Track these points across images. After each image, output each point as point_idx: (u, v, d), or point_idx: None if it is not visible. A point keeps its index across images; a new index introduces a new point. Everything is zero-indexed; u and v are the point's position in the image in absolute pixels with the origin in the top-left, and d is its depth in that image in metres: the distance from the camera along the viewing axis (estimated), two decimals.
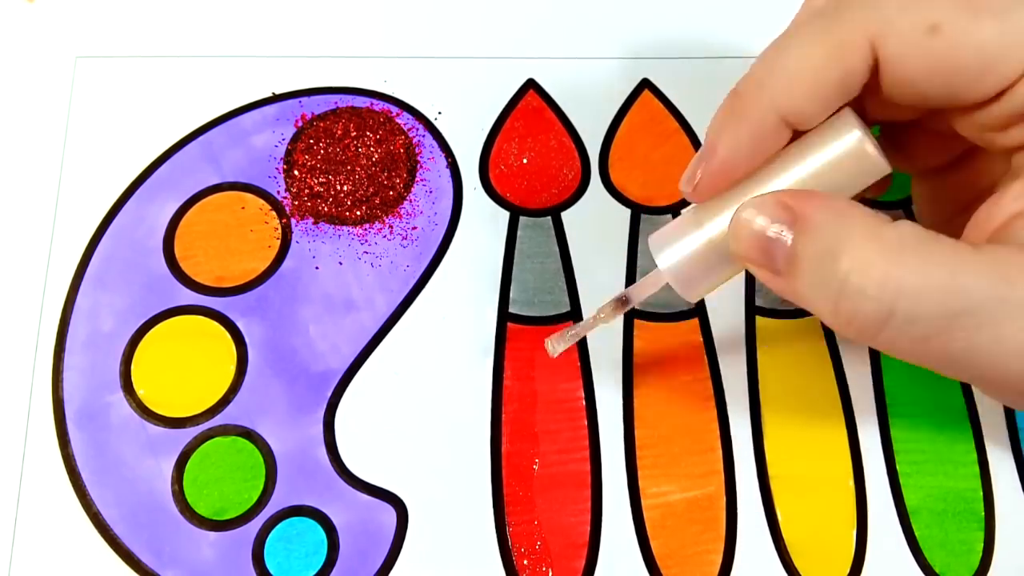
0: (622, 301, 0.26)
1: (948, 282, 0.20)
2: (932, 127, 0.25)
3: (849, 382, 0.30)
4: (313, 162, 0.33)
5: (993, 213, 0.23)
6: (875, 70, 0.22)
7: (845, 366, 0.31)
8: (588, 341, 0.31)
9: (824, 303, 0.22)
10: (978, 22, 0.21)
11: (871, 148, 0.23)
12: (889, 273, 0.21)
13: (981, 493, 0.29)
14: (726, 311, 0.31)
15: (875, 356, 0.31)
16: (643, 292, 0.26)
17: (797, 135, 0.23)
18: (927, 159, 0.27)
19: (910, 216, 0.32)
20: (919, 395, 0.30)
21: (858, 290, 0.21)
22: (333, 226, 0.32)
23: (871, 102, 0.24)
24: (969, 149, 0.25)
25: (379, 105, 0.34)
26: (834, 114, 0.23)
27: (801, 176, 0.23)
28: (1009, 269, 0.20)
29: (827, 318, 0.22)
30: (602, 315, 0.27)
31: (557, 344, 0.28)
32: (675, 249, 0.24)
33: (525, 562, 0.28)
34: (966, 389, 0.30)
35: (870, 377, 0.31)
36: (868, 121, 0.25)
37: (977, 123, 0.23)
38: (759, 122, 0.22)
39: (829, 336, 0.31)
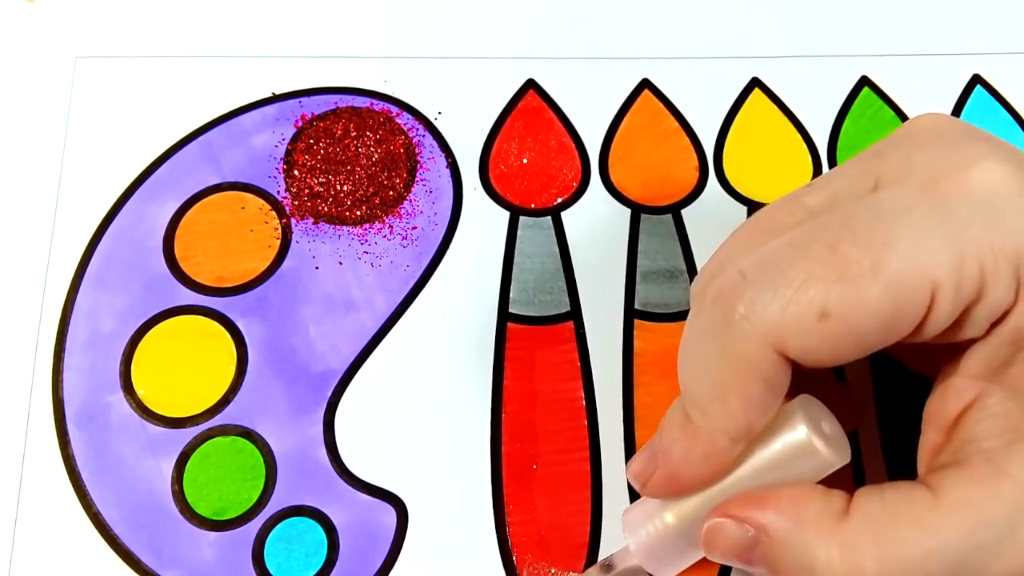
0: (607, 566, 0.27)
1: (923, 556, 0.21)
2: None
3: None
4: (313, 162, 0.33)
5: (945, 407, 0.23)
6: (791, 360, 0.22)
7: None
8: (588, 341, 0.31)
9: None
10: (860, 289, 0.20)
11: (820, 445, 0.23)
12: (863, 567, 0.21)
13: None
14: None
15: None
16: (624, 562, 0.26)
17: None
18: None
19: None
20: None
21: None
22: (333, 226, 0.32)
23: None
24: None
25: (379, 105, 0.34)
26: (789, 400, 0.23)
27: (758, 478, 0.23)
28: (974, 509, 0.21)
29: None
30: None
31: None
32: (646, 534, 0.25)
33: (521, 562, 0.28)
34: None
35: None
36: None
37: (910, 341, 0.22)
38: (711, 443, 0.23)
39: None
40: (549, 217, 0.33)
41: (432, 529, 0.29)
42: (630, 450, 0.30)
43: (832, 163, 0.34)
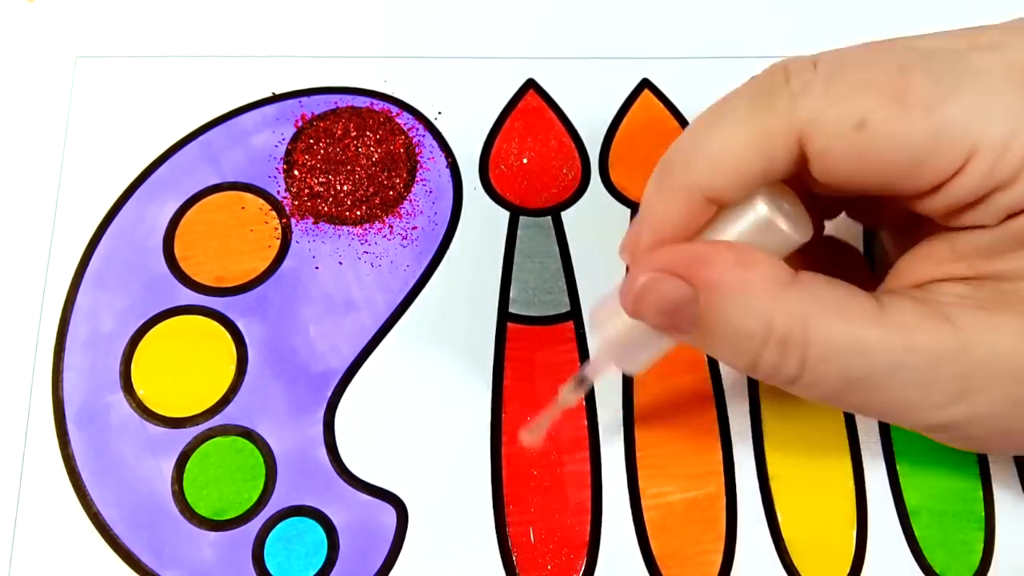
0: (580, 381, 0.26)
1: (851, 348, 0.21)
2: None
3: None
4: (313, 162, 0.33)
5: (918, 269, 0.23)
6: (803, 161, 0.22)
7: None
8: (589, 341, 0.31)
9: (739, 363, 0.22)
10: (907, 117, 0.20)
11: (781, 222, 0.23)
12: (797, 336, 0.21)
13: (981, 493, 0.29)
14: None
15: None
16: (595, 372, 0.26)
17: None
18: (877, 218, 0.27)
19: None
20: None
21: (771, 357, 0.21)
22: (333, 226, 0.33)
23: (810, 182, 0.23)
24: None
25: (379, 105, 0.34)
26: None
27: None
28: (911, 333, 0.21)
29: (742, 371, 0.23)
30: (563, 399, 0.27)
31: (530, 435, 0.28)
32: (610, 327, 0.25)
33: (521, 562, 0.28)
34: None
35: None
36: (808, 197, 0.25)
37: (922, 209, 0.22)
38: (685, 198, 0.22)
39: None
40: (549, 217, 0.33)
41: (432, 529, 0.29)
42: (630, 450, 0.30)
43: None
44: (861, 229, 0.32)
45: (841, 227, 0.30)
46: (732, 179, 0.22)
